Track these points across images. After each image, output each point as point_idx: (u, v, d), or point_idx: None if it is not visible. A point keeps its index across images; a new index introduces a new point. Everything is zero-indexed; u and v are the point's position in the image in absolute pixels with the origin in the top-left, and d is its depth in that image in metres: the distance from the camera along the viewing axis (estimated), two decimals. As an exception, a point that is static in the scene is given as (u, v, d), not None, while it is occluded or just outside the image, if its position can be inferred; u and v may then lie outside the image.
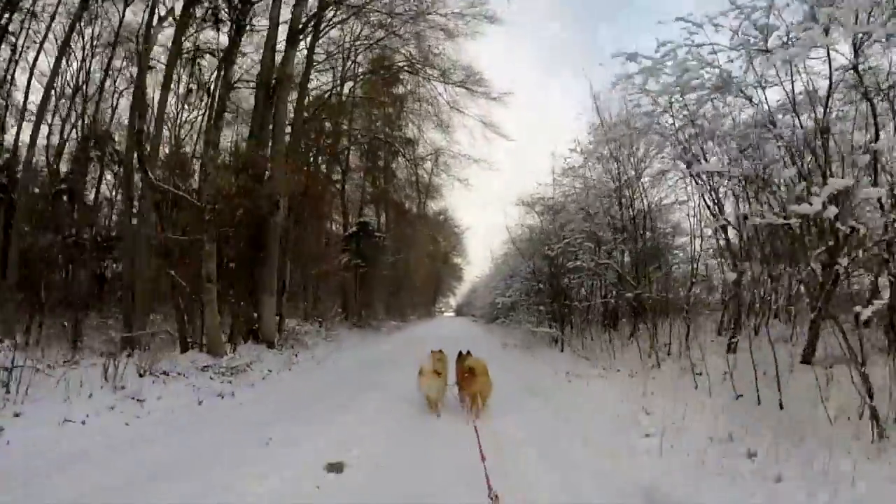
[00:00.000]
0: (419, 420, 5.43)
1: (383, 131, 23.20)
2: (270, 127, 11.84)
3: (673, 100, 8.53)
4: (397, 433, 4.86)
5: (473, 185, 26.16)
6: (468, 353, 5.93)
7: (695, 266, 9.28)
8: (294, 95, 15.90)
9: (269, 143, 11.91)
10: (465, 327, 28.70)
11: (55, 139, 15.53)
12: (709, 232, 9.75)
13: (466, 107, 19.32)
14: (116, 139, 16.48)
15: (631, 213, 10.88)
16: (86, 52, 15.27)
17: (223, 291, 10.25)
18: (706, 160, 8.70)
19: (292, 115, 16.00)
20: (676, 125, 8.49)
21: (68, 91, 15.38)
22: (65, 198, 14.93)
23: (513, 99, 18.31)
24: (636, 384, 6.25)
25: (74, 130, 15.88)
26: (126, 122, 14.34)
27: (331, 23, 16.68)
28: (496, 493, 2.87)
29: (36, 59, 14.08)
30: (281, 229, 11.38)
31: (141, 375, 6.77)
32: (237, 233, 10.64)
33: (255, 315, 10.50)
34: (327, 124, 20.47)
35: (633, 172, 10.56)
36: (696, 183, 8.55)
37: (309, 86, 18.28)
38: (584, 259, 10.98)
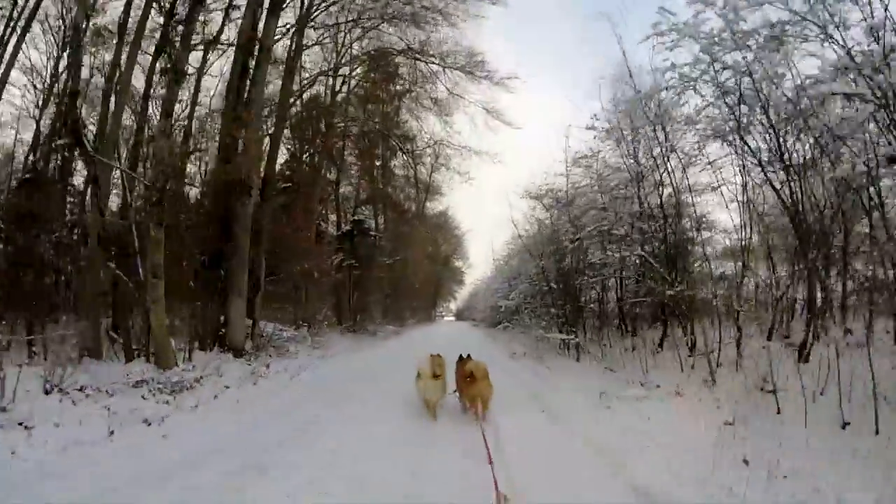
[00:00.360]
0: (406, 462, 3.87)
1: (381, 125, 21.73)
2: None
3: (716, 58, 7.15)
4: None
5: (475, 180, 24.68)
6: (468, 356, 5.60)
7: (745, 258, 7.75)
8: (278, 74, 14.51)
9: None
10: (466, 332, 26.96)
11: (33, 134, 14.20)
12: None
13: (467, 91, 17.89)
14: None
15: (659, 198, 9.36)
16: (65, 41, 13.96)
17: (185, 290, 8.74)
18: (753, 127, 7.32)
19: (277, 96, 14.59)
20: (722, 81, 7.09)
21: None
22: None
23: (518, 85, 16.74)
24: (698, 409, 4.69)
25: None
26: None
27: (321, 5, 15.31)
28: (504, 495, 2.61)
29: (5, 44, 12.67)
30: (253, 220, 9.81)
31: (47, 392, 5.24)
32: (202, 221, 9.15)
33: (222, 318, 8.93)
34: (323, 122, 19.04)
35: (660, 150, 9.03)
36: (753, 156, 7.02)
37: (302, 73, 17.00)
38: (611, 250, 9.42)
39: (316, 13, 15.69)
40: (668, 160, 8.73)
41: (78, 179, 12.90)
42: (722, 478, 2.94)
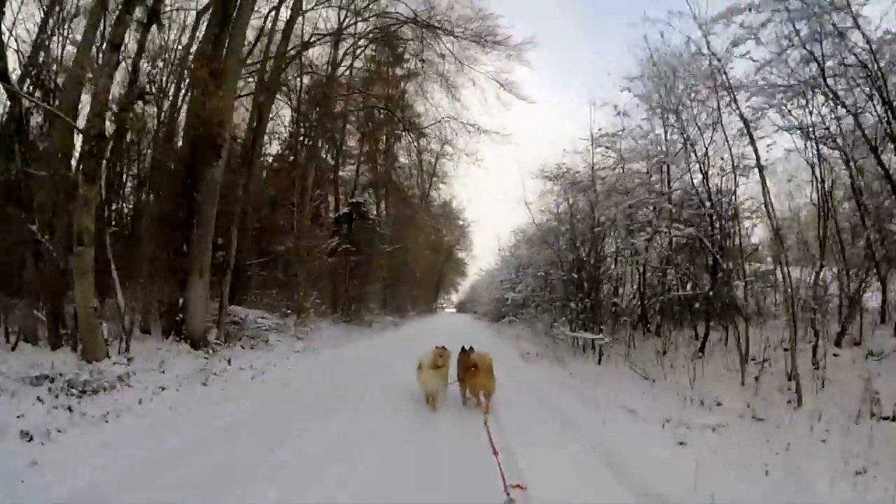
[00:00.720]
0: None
1: (385, 105, 20.25)
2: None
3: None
4: None
5: (482, 169, 23.00)
6: (471, 348, 5.41)
7: (822, 249, 6.27)
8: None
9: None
10: (469, 326, 25.37)
11: None
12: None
13: (478, 62, 16.36)
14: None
15: (704, 176, 7.88)
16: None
17: (136, 265, 7.35)
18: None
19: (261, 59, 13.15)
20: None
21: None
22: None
23: (533, 59, 15.28)
24: (802, 447, 3.24)
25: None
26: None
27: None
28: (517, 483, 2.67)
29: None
30: (227, 189, 8.37)
31: None
32: (159, 184, 7.74)
33: (181, 302, 7.50)
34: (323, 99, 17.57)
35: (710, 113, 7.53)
36: (848, 111, 5.54)
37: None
38: (645, 234, 7.99)
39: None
40: (722, 128, 7.20)
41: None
42: None
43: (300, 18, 14.67)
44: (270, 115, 18.52)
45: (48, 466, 3.16)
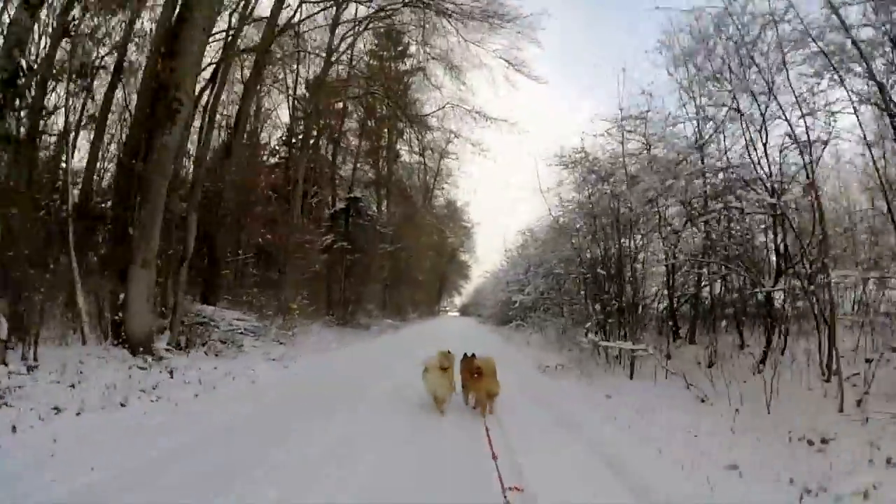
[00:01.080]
0: None
1: (386, 96, 19.04)
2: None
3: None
4: None
5: (488, 153, 21.48)
6: (473, 355, 5.36)
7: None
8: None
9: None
10: (474, 330, 23.69)
11: None
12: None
13: (485, 40, 15.14)
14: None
15: (763, 147, 6.51)
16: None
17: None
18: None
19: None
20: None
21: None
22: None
23: (543, 38, 14.00)
24: None
25: None
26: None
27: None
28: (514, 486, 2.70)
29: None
30: (174, 154, 7.01)
31: None
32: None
33: (122, 298, 6.11)
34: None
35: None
36: None
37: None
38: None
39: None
40: (790, 82, 5.81)
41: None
42: None
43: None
44: (270, 110, 17.47)
45: None
